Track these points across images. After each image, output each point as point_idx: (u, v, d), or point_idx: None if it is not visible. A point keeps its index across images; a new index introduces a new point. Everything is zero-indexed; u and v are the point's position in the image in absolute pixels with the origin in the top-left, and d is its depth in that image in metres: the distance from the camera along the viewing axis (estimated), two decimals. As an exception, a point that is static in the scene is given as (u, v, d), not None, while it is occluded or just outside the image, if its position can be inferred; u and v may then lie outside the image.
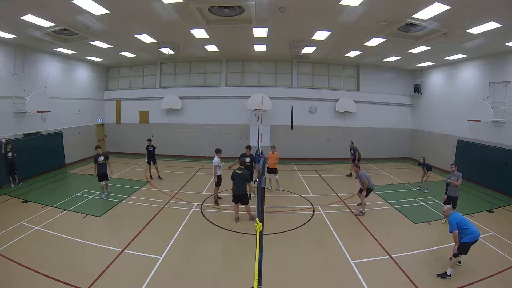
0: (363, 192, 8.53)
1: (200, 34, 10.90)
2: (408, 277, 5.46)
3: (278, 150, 10.86)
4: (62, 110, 14.11)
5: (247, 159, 9.59)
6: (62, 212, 8.33)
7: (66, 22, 9.24)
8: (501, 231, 7.41)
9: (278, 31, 10.59)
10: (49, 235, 6.89)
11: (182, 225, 7.70)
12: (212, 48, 13.69)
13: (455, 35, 9.34)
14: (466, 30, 8.92)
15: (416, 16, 8.07)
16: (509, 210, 9.26)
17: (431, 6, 7.27)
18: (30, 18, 8.51)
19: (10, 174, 10.77)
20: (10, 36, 10.38)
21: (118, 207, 8.90)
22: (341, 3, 7.60)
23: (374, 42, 11.33)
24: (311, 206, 9.26)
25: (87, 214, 8.19)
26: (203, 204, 9.26)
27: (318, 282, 5.36)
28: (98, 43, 11.94)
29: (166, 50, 12.71)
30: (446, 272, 5.46)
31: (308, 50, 12.86)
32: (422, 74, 16.68)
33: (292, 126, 16.52)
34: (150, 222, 7.86)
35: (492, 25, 8.25)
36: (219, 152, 9.34)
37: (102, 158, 9.44)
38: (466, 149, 13.02)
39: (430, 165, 11.23)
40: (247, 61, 16.99)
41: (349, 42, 12.01)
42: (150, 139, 12.39)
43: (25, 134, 12.24)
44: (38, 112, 11.70)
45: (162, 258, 6.00)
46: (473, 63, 13.00)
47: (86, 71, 16.34)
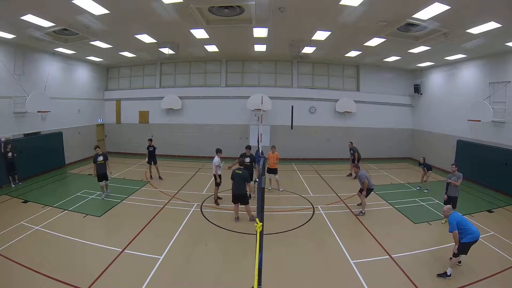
0: (363, 192, 8.54)
1: (200, 34, 10.91)
2: (408, 277, 5.46)
3: (278, 150, 10.86)
4: (62, 110, 14.11)
5: (247, 159, 9.58)
6: (62, 212, 8.33)
7: (66, 22, 9.24)
8: (501, 231, 7.41)
9: (278, 31, 10.59)
10: (49, 235, 6.89)
11: (182, 225, 7.70)
12: (212, 48, 13.69)
13: (455, 35, 9.34)
14: (466, 30, 8.92)
15: (416, 16, 8.07)
16: (509, 210, 9.26)
17: (431, 6, 7.28)
18: (30, 18, 8.51)
19: (10, 174, 10.78)
20: (10, 36, 10.39)
21: (118, 207, 8.90)
22: (341, 3, 7.60)
23: (374, 42, 11.33)
24: (311, 206, 9.26)
25: (87, 214, 8.19)
26: (203, 204, 9.27)
27: (318, 282, 5.36)
28: (98, 43, 11.94)
29: (166, 50, 12.71)
30: (446, 272, 5.46)
31: (308, 50, 12.85)
32: (422, 74, 16.68)
33: (292, 126, 16.51)
34: (150, 222, 7.86)
35: (492, 25, 8.25)
36: (220, 152, 9.35)
37: (101, 158, 9.43)
38: (466, 149, 13.02)
39: (430, 165, 11.24)
40: (247, 61, 16.98)
41: (349, 42, 12.01)
42: (151, 139, 12.36)
43: (25, 134, 12.25)
44: (38, 112, 11.71)
45: (162, 258, 6.00)
46: (473, 63, 13.00)
47: (86, 71, 16.34)
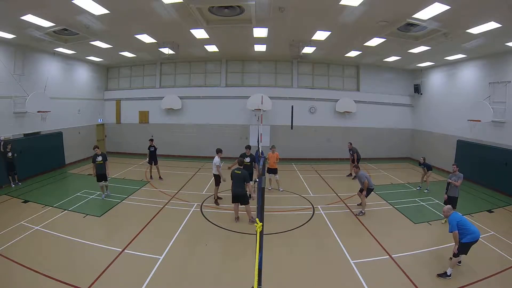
0: (364, 192, 8.54)
1: (200, 34, 10.91)
2: (408, 277, 5.46)
3: (278, 150, 10.86)
4: (62, 110, 14.10)
5: (247, 159, 9.58)
6: (62, 212, 8.33)
7: (66, 22, 9.24)
8: (501, 231, 7.41)
9: (278, 31, 10.59)
10: (49, 235, 6.89)
11: (182, 225, 7.70)
12: (212, 48, 13.69)
13: (455, 35, 9.35)
14: (466, 30, 8.93)
15: (416, 16, 8.07)
16: (509, 210, 9.26)
17: (431, 6, 7.28)
18: (30, 18, 8.51)
19: (10, 174, 10.77)
20: (10, 36, 10.38)
21: (118, 207, 8.90)
22: (341, 3, 7.61)
23: (374, 42, 11.33)
24: (311, 206, 9.26)
25: (87, 214, 8.19)
26: (203, 204, 9.27)
27: (318, 282, 5.36)
28: (98, 43, 11.94)
29: (166, 50, 12.69)
30: (446, 272, 5.46)
31: (308, 50, 12.85)
32: (422, 74, 16.68)
33: (292, 126, 16.49)
34: (150, 222, 7.86)
35: (492, 25, 8.26)
36: (220, 152, 9.34)
37: (100, 159, 9.36)
38: (466, 149, 13.01)
39: (431, 165, 11.24)
40: (247, 61, 16.98)
41: (349, 42, 12.02)
42: (152, 139, 12.30)
43: (25, 134, 12.24)
44: (38, 112, 11.70)
45: (162, 258, 6.00)
46: (473, 63, 12.99)
47: (86, 71, 16.33)
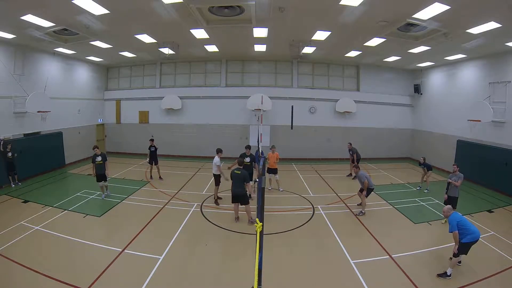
0: (364, 192, 8.54)
1: (200, 34, 10.91)
2: (408, 277, 5.46)
3: (278, 150, 10.86)
4: (62, 110, 14.10)
5: (247, 159, 9.58)
6: (62, 212, 8.33)
7: (66, 22, 9.24)
8: (501, 231, 7.41)
9: (278, 31, 10.59)
10: (49, 235, 6.89)
11: (182, 225, 7.70)
12: (212, 48, 13.69)
13: (455, 35, 9.34)
14: (466, 30, 8.93)
15: (416, 16, 8.07)
16: (509, 210, 9.26)
17: (431, 6, 7.28)
18: (30, 18, 8.51)
19: (10, 174, 10.77)
20: (10, 36, 10.38)
21: (118, 207, 8.90)
22: (341, 3, 7.61)
23: (374, 42, 11.34)
24: (311, 206, 9.26)
25: (87, 214, 8.19)
26: (203, 204, 9.27)
27: (318, 282, 5.36)
28: (98, 43, 11.94)
29: (166, 50, 12.69)
30: (446, 272, 5.46)
31: (308, 50, 12.85)
32: (422, 74, 16.68)
33: (292, 126, 16.49)
34: (150, 222, 7.86)
35: (492, 25, 8.26)
36: (220, 152, 9.34)
37: (99, 159, 9.33)
38: (466, 149, 13.02)
39: (431, 165, 11.24)
40: (247, 61, 16.98)
41: (349, 42, 12.02)
42: (152, 139, 12.26)
43: (25, 134, 12.24)
44: (38, 112, 11.70)
45: (162, 258, 6.00)
46: (473, 63, 13.00)
47: (86, 71, 16.33)
